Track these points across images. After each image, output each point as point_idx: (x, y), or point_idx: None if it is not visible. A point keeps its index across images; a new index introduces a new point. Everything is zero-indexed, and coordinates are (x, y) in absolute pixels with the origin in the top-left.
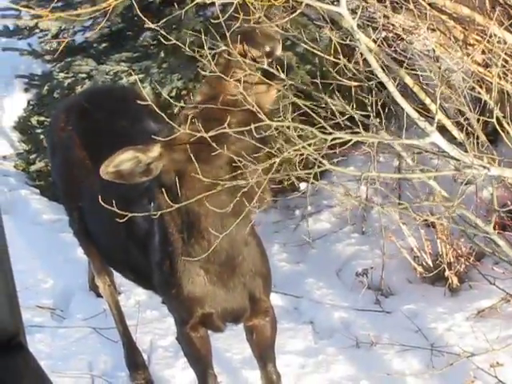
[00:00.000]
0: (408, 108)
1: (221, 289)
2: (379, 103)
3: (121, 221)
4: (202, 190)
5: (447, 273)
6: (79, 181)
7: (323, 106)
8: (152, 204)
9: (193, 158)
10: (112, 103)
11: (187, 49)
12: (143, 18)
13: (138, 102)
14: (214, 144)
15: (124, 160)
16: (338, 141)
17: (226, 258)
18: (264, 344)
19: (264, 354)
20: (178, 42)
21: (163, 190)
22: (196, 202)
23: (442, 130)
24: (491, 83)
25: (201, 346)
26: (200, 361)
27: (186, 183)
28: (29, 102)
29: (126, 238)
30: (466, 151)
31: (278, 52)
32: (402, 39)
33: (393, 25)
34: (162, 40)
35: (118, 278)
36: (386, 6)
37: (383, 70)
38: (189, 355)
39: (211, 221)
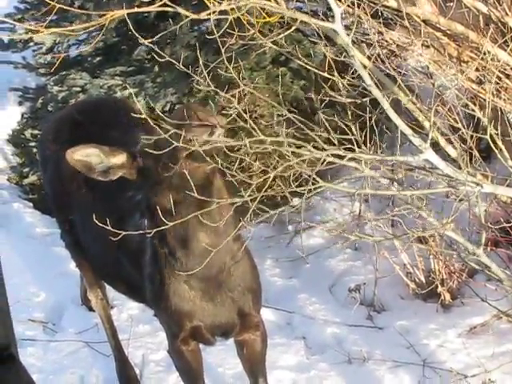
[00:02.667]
0: (402, 125)
1: (208, 303)
2: (373, 120)
3: (114, 239)
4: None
5: (440, 289)
6: (70, 193)
7: (317, 121)
8: (144, 218)
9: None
10: (104, 115)
11: (180, 65)
12: (137, 35)
13: (131, 115)
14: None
15: (89, 153)
16: (331, 157)
17: (209, 273)
18: (254, 359)
19: (255, 369)
20: (171, 59)
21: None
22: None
23: (435, 146)
24: (485, 100)
25: (192, 360)
26: (191, 374)
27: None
28: (23, 115)
29: (118, 251)
30: (459, 168)
31: (216, 136)
32: (396, 56)
33: (387, 41)
34: (156, 56)
35: (111, 291)
36: (380, 23)
37: (377, 86)
38: (180, 369)
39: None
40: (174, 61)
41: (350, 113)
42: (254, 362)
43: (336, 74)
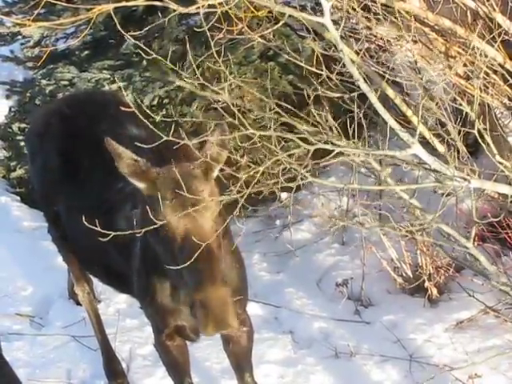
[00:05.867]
0: (390, 120)
1: None
2: (360, 114)
3: (103, 231)
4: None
5: (427, 284)
6: (58, 186)
7: (304, 117)
8: (135, 210)
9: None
10: (92, 108)
11: (168, 61)
12: (123, 32)
13: (120, 108)
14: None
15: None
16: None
17: None
18: (241, 354)
19: (241, 363)
20: (157, 55)
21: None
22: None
23: (423, 141)
24: (472, 95)
25: (178, 354)
26: (178, 369)
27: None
28: (10, 109)
29: (107, 242)
30: (446, 163)
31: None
32: (385, 50)
33: (375, 36)
34: (142, 53)
35: (99, 286)
36: (368, 18)
37: (365, 81)
38: (166, 363)
39: None
40: (160, 57)
41: (332, 107)
42: (240, 356)
43: (324, 68)
